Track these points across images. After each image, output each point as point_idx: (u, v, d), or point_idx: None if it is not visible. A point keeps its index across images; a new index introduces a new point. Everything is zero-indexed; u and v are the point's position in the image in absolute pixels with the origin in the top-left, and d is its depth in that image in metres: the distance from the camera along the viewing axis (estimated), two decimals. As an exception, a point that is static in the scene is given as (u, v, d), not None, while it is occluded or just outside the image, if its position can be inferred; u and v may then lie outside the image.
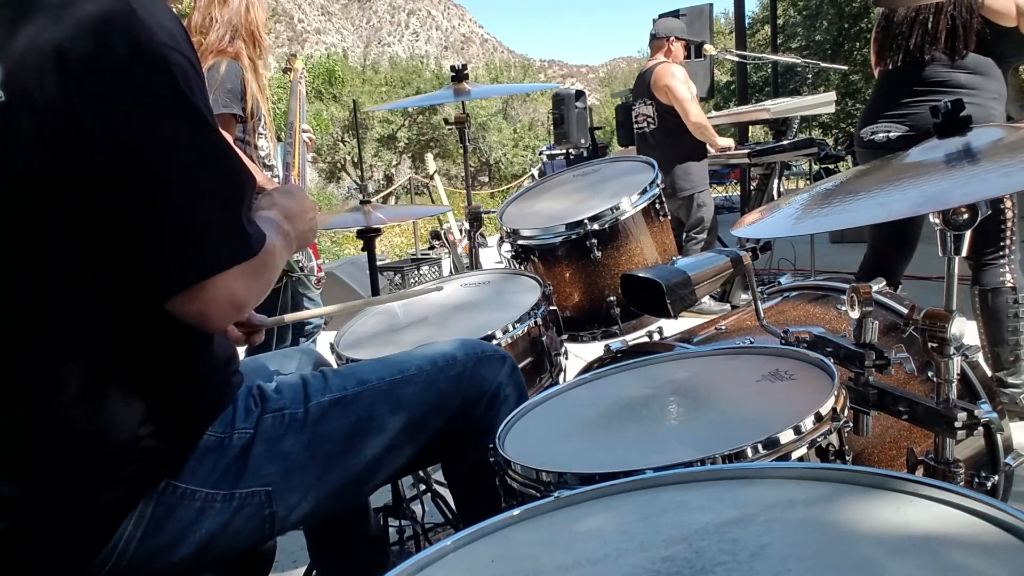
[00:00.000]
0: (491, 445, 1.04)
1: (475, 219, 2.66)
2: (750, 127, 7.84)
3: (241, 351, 1.31)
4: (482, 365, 1.24)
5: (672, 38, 4.67)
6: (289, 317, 1.75)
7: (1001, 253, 2.53)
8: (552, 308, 1.70)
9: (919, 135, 2.58)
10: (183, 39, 0.92)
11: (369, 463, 1.13)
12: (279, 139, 3.21)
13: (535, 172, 14.53)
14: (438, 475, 1.65)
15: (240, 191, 0.94)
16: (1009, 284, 2.53)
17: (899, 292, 2.67)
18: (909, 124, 2.65)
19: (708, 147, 4.65)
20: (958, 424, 1.02)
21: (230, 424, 1.04)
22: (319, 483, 1.09)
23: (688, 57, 4.79)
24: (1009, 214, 2.53)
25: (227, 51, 2.69)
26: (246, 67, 2.74)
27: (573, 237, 1.83)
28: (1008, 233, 2.53)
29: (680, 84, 4.44)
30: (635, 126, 4.83)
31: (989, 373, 2.48)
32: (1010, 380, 2.58)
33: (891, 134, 2.68)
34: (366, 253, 2.34)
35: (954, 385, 1.05)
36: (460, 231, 6.90)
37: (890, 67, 2.73)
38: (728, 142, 4.71)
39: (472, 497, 1.32)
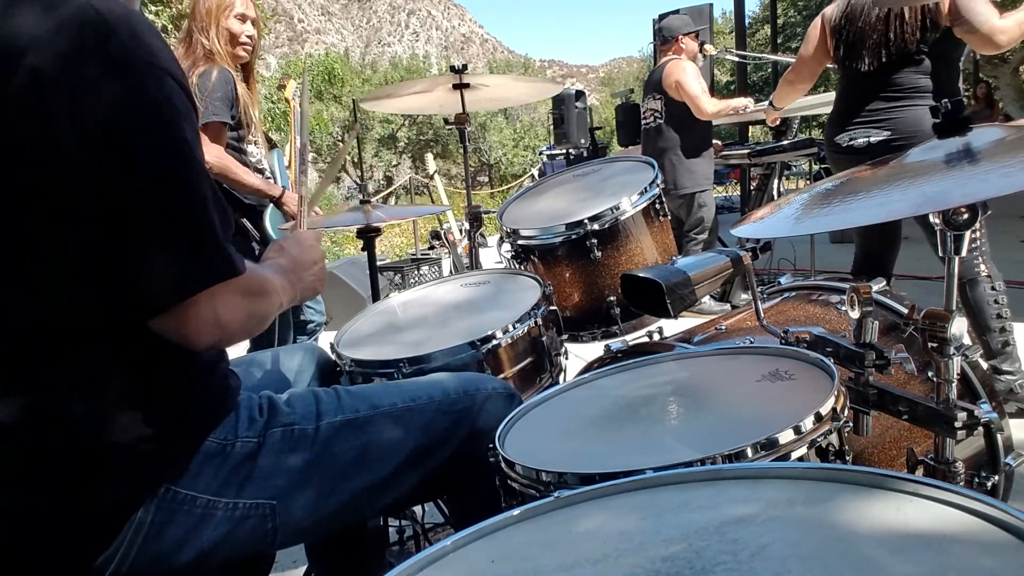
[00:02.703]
0: (491, 445, 1.04)
1: (475, 219, 2.66)
2: (750, 127, 7.85)
3: (243, 345, 1.31)
4: (491, 402, 1.25)
5: (680, 36, 4.67)
6: None
7: (973, 247, 2.57)
8: (552, 308, 1.70)
9: (902, 139, 2.65)
10: (164, 52, 0.91)
11: (374, 487, 1.13)
12: (273, 146, 3.20)
13: (535, 172, 14.55)
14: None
15: (211, 211, 0.92)
16: (984, 273, 2.58)
17: (899, 292, 2.68)
18: (891, 128, 2.70)
19: (713, 148, 4.65)
20: (958, 424, 1.02)
21: (233, 431, 1.04)
22: (323, 502, 1.09)
23: (701, 47, 4.78)
24: None
25: (214, 61, 2.69)
26: (235, 73, 2.74)
27: (573, 237, 1.83)
28: (979, 228, 2.59)
29: (691, 80, 4.44)
30: (642, 121, 4.82)
31: (984, 365, 2.50)
32: (1004, 367, 2.61)
33: (871, 138, 2.73)
34: (366, 253, 2.34)
35: (954, 385, 1.05)
36: (460, 231, 6.91)
37: (861, 70, 2.75)
38: (744, 101, 4.52)
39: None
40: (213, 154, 2.64)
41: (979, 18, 2.43)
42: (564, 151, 9.47)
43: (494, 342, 1.51)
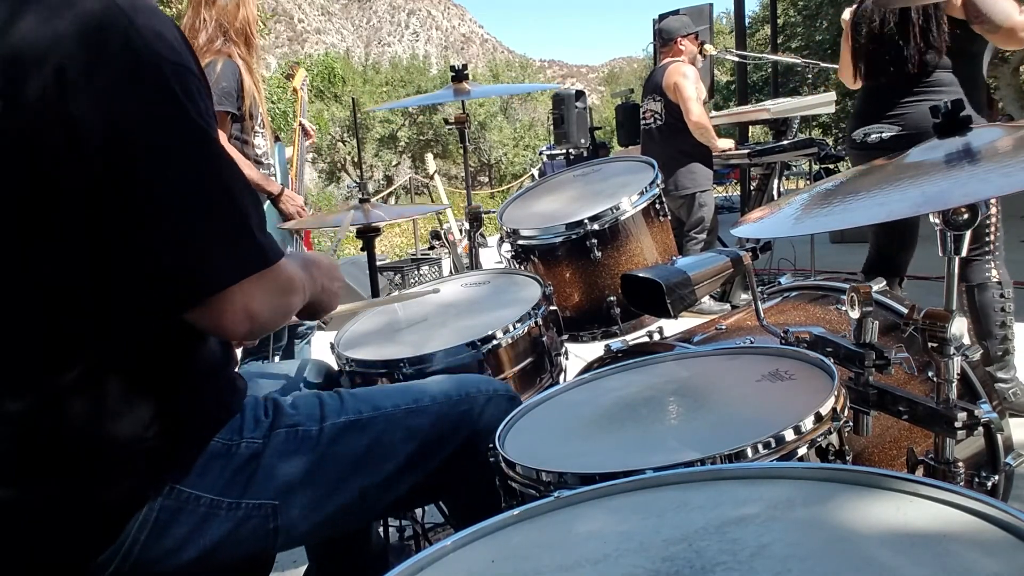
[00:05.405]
0: (491, 445, 1.04)
1: (475, 219, 2.66)
2: (750, 127, 7.84)
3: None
4: (492, 404, 1.26)
5: (678, 39, 4.68)
6: None
7: (986, 250, 2.58)
8: (552, 308, 1.70)
9: (912, 134, 2.66)
10: (183, 48, 0.91)
11: (375, 488, 1.14)
12: (277, 138, 3.22)
13: (535, 172, 14.54)
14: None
15: (244, 204, 0.93)
16: (995, 279, 2.58)
17: (899, 292, 2.69)
18: (901, 124, 2.73)
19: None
20: (958, 424, 1.02)
21: (238, 432, 1.04)
22: (325, 503, 1.09)
23: (700, 48, 4.78)
24: (994, 210, 2.60)
25: (222, 51, 2.70)
26: (241, 66, 2.76)
27: (573, 237, 1.83)
28: (992, 230, 2.59)
29: (689, 83, 4.47)
30: (642, 122, 4.83)
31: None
32: (1000, 375, 2.62)
33: (884, 134, 2.75)
34: (366, 253, 2.34)
35: (954, 385, 1.04)
36: (460, 231, 6.91)
37: (883, 80, 2.77)
38: (728, 143, 4.72)
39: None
40: None
41: (1000, 16, 2.42)
42: (564, 151, 9.45)
43: (494, 342, 1.52)
